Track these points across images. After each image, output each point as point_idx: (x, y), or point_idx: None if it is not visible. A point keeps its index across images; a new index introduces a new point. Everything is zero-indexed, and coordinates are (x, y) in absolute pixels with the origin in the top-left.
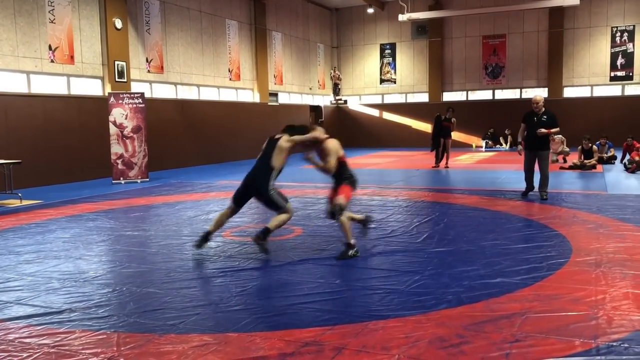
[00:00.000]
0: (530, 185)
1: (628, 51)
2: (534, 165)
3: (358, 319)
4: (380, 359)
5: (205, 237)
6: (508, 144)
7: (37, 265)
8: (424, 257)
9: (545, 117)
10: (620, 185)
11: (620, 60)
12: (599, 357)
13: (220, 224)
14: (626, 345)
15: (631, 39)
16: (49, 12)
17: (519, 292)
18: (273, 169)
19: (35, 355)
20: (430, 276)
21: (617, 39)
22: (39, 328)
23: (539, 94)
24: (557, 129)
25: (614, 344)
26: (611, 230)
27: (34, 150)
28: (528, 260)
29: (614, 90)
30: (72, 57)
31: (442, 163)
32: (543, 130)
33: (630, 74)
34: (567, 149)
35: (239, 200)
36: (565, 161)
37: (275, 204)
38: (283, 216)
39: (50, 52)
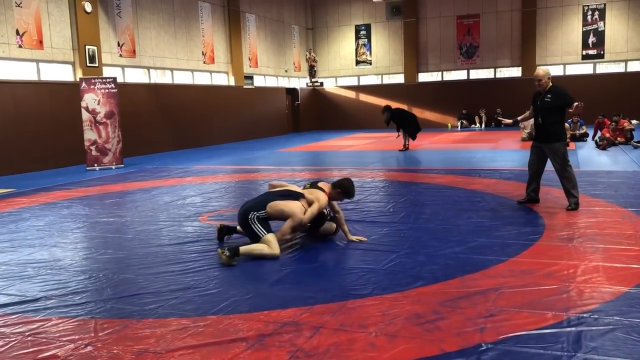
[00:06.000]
0: (532, 191)
1: (599, 29)
2: (540, 163)
3: (336, 298)
4: (357, 337)
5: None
6: (483, 123)
7: (11, 254)
8: (400, 236)
9: (549, 96)
10: (592, 162)
11: (591, 39)
12: (569, 329)
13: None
14: (596, 316)
15: (602, 17)
16: None
17: (494, 268)
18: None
19: (11, 344)
20: (407, 255)
21: (589, 17)
22: (14, 317)
23: (544, 68)
24: (575, 105)
25: (585, 315)
26: (583, 206)
27: (4, 138)
28: (502, 237)
29: (586, 69)
30: (41, 42)
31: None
32: (577, 103)
33: (602, 52)
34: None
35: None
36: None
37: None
38: (261, 246)
39: (18, 37)
